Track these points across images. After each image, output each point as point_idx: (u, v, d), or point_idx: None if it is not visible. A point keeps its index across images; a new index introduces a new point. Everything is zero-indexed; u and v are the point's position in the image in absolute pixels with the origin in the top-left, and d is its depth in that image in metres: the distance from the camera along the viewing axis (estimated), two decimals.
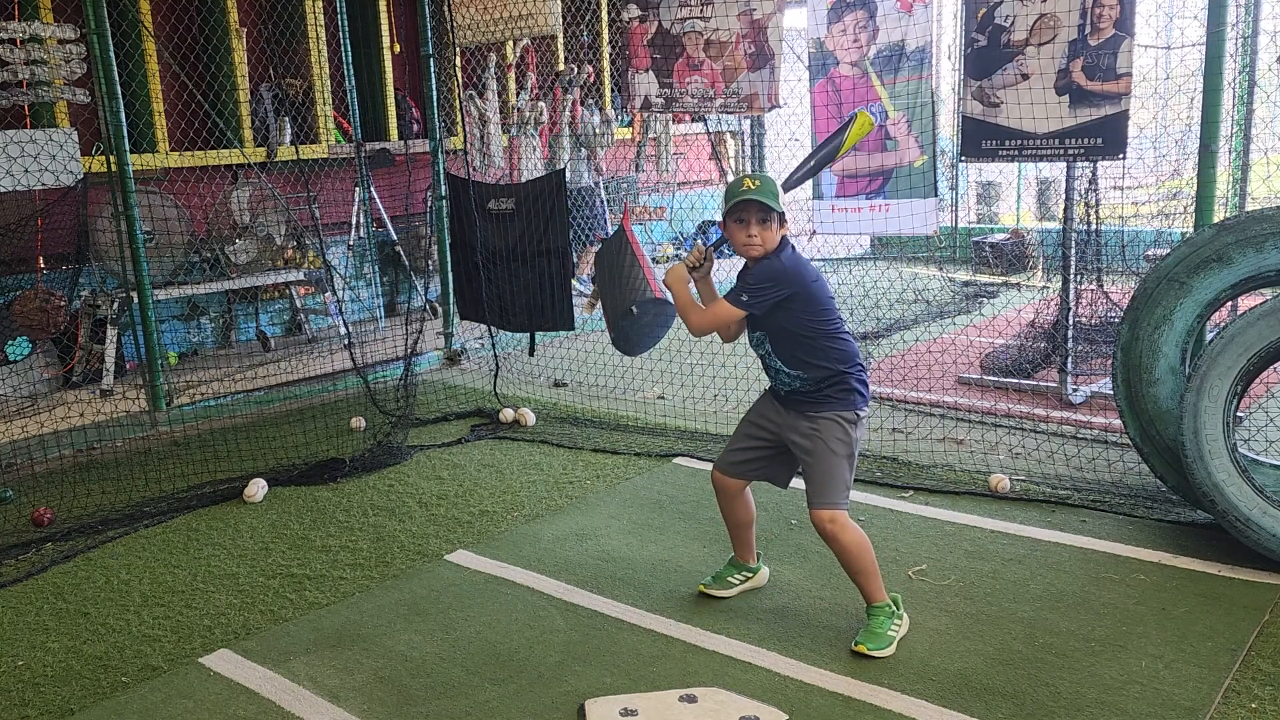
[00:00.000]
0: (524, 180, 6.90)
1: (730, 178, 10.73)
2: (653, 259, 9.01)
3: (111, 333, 6.35)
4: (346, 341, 6.07)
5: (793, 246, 3.25)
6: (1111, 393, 4.47)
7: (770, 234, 3.18)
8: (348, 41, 7.82)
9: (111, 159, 5.65)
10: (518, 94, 8.36)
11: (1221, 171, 5.33)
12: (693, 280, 3.39)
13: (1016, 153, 5.13)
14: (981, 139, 5.18)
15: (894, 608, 3.23)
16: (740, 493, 3.50)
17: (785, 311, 3.19)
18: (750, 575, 3.62)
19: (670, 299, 4.45)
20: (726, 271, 3.66)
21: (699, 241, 3.44)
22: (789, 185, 3.42)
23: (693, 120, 10.17)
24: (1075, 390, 5.73)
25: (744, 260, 3.31)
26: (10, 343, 6.11)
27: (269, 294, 7.79)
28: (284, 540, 4.28)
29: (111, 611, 3.69)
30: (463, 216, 6.19)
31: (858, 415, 3.23)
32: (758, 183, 3.16)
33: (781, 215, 3.19)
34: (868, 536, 3.23)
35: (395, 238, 8.38)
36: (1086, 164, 5.48)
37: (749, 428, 3.45)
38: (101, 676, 3.24)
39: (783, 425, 3.31)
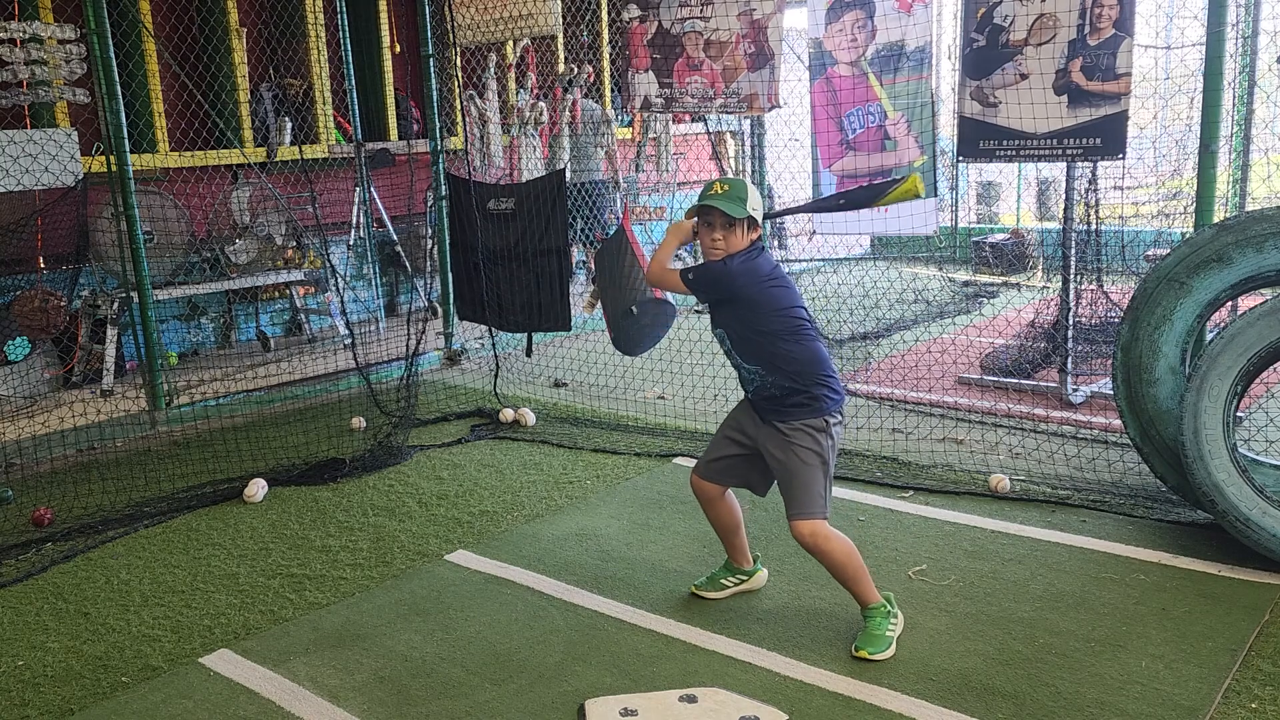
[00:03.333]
0: (524, 180, 6.90)
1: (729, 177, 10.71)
2: None
3: (111, 333, 6.35)
4: (347, 341, 6.07)
5: (760, 248, 3.27)
6: (1111, 393, 4.47)
7: (736, 238, 3.21)
8: (348, 41, 7.82)
9: (111, 159, 5.65)
10: (518, 94, 8.36)
11: (1221, 171, 5.33)
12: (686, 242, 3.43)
13: (1014, 153, 5.13)
14: (979, 139, 5.17)
15: (889, 606, 3.23)
16: (720, 497, 3.49)
17: (733, 312, 3.25)
18: (745, 578, 3.61)
19: (670, 298, 4.46)
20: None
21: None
22: (796, 209, 3.46)
23: (693, 120, 10.17)
24: (1075, 390, 5.73)
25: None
26: (10, 343, 6.11)
27: (269, 294, 7.79)
28: (284, 540, 4.28)
29: (111, 611, 3.69)
30: (463, 216, 6.19)
31: (826, 423, 3.20)
32: (726, 187, 3.20)
33: (751, 220, 3.20)
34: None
35: (395, 238, 8.38)
36: (1086, 164, 5.48)
37: (726, 433, 3.46)
38: (101, 676, 3.24)
39: (758, 436, 3.32)
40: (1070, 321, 5.72)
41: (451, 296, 6.93)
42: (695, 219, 3.37)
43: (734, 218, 3.17)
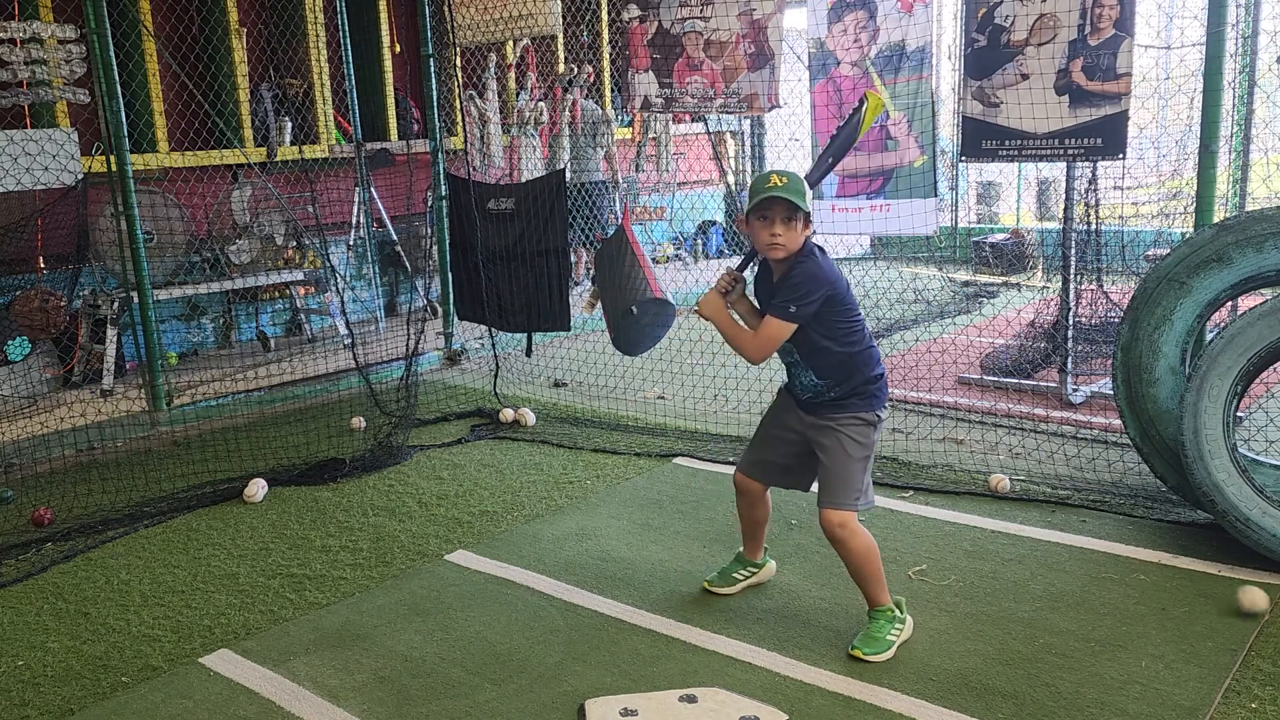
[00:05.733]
0: (524, 180, 6.90)
1: (730, 178, 10.72)
2: (653, 259, 8.99)
3: (111, 333, 6.35)
4: (347, 341, 6.07)
5: (819, 248, 3.17)
6: (1111, 393, 4.47)
7: (795, 234, 3.06)
8: (348, 41, 7.82)
9: (111, 159, 5.65)
10: (518, 94, 8.36)
11: (1221, 171, 5.33)
12: (729, 305, 3.26)
13: (1016, 153, 5.13)
14: (981, 139, 5.18)
15: (896, 612, 3.22)
16: (762, 494, 3.48)
17: (819, 319, 3.11)
18: (756, 570, 3.62)
19: (670, 298, 4.45)
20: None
21: (727, 267, 3.30)
22: (813, 180, 3.33)
23: (693, 120, 10.17)
24: (1075, 390, 5.73)
25: (760, 269, 3.28)
26: (10, 343, 6.11)
27: (269, 294, 7.79)
28: (284, 540, 4.28)
29: (111, 611, 3.69)
30: (463, 216, 6.19)
31: (878, 417, 3.20)
32: (785, 179, 3.05)
33: (808, 215, 3.07)
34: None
35: (395, 238, 8.39)
36: (1086, 164, 5.48)
37: (772, 431, 3.40)
38: (101, 676, 3.24)
39: (804, 427, 3.28)
40: (1070, 321, 5.72)
41: (451, 296, 6.93)
42: (727, 278, 3.23)
43: (797, 209, 3.02)
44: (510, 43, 7.75)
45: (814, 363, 3.18)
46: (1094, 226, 5.75)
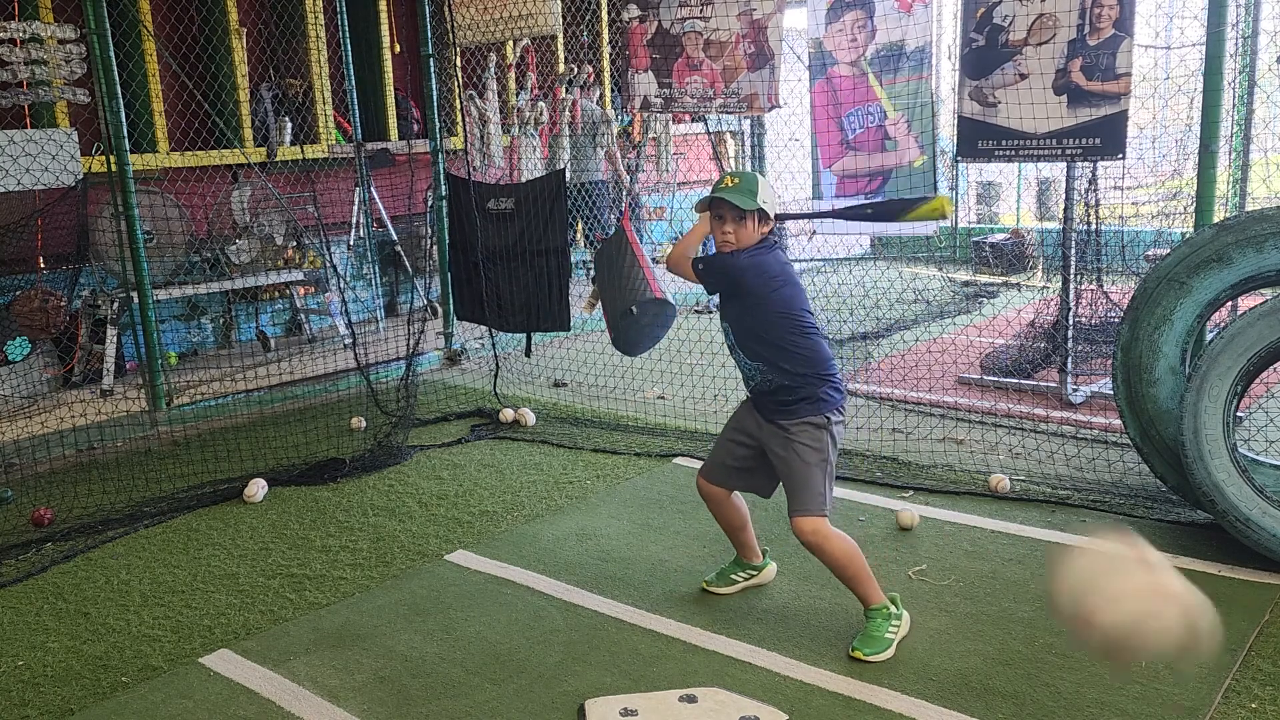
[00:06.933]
0: (524, 180, 6.90)
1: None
2: (652, 259, 8.98)
3: (111, 333, 6.35)
4: (348, 341, 6.07)
5: (772, 244, 3.28)
6: (1111, 393, 4.47)
7: (746, 231, 3.22)
8: (348, 41, 7.82)
9: (111, 159, 5.65)
10: (518, 94, 8.36)
11: (1221, 171, 5.33)
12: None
13: (1014, 153, 5.13)
14: (978, 139, 5.17)
15: (892, 608, 3.22)
16: (727, 499, 3.51)
17: (740, 305, 3.26)
18: (754, 573, 3.63)
19: (670, 298, 4.47)
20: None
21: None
22: (839, 212, 3.49)
23: (693, 120, 10.17)
24: (1075, 390, 5.73)
25: None
26: (10, 343, 6.11)
27: (269, 294, 7.79)
28: (284, 540, 4.28)
29: (111, 611, 3.69)
30: (462, 216, 6.19)
31: (828, 419, 3.20)
32: (737, 180, 3.22)
33: (762, 213, 3.21)
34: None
35: (395, 238, 8.38)
36: (1086, 164, 5.48)
37: (730, 436, 3.47)
38: (101, 676, 3.25)
39: (761, 435, 3.33)
40: (1070, 321, 5.72)
41: (451, 296, 6.92)
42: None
43: (744, 210, 3.18)
44: (510, 43, 7.74)
45: (745, 343, 3.28)
46: (1094, 226, 5.75)
